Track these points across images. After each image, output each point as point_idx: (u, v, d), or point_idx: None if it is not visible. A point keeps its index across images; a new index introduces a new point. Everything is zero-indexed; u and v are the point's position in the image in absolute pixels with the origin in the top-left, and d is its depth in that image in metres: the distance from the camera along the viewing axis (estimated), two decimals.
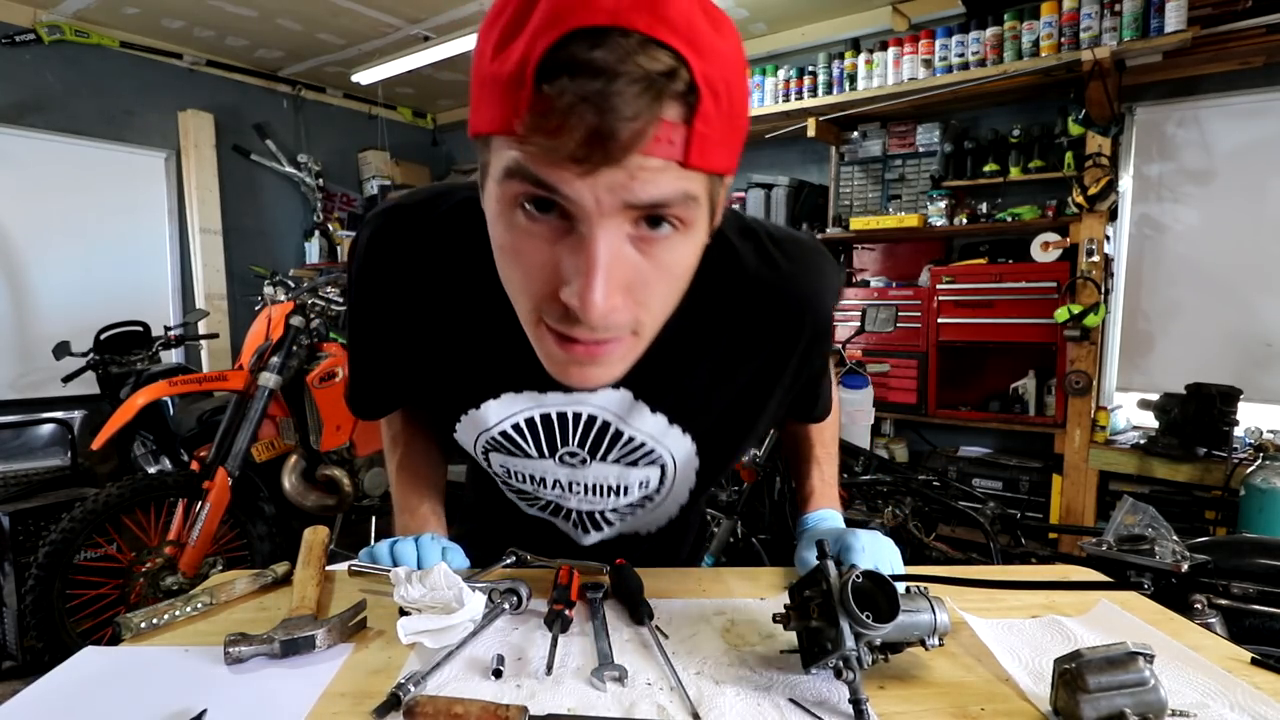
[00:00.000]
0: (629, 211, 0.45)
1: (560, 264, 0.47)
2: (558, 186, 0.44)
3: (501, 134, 0.45)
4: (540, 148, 0.42)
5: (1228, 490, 2.54)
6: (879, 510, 2.24)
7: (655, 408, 0.70)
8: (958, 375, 3.36)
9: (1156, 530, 1.39)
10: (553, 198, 0.45)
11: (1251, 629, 1.29)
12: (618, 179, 0.43)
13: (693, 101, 0.43)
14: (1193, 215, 3.06)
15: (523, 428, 0.72)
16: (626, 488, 0.76)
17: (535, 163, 0.43)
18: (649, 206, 0.45)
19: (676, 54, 0.41)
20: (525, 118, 0.42)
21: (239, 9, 3.78)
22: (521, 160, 0.44)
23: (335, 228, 4.83)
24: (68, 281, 3.92)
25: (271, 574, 0.79)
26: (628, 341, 0.52)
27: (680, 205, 0.46)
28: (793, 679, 0.60)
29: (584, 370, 0.53)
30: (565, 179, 0.43)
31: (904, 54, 3.27)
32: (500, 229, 0.50)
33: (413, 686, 0.54)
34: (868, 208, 3.67)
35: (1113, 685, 0.51)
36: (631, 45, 0.40)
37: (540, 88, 0.41)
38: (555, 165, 0.43)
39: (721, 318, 0.66)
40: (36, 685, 0.58)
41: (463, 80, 4.85)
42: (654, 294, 0.50)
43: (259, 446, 2.68)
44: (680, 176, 0.44)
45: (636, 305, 0.49)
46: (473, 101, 0.47)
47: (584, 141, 0.41)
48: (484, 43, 0.45)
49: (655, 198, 0.44)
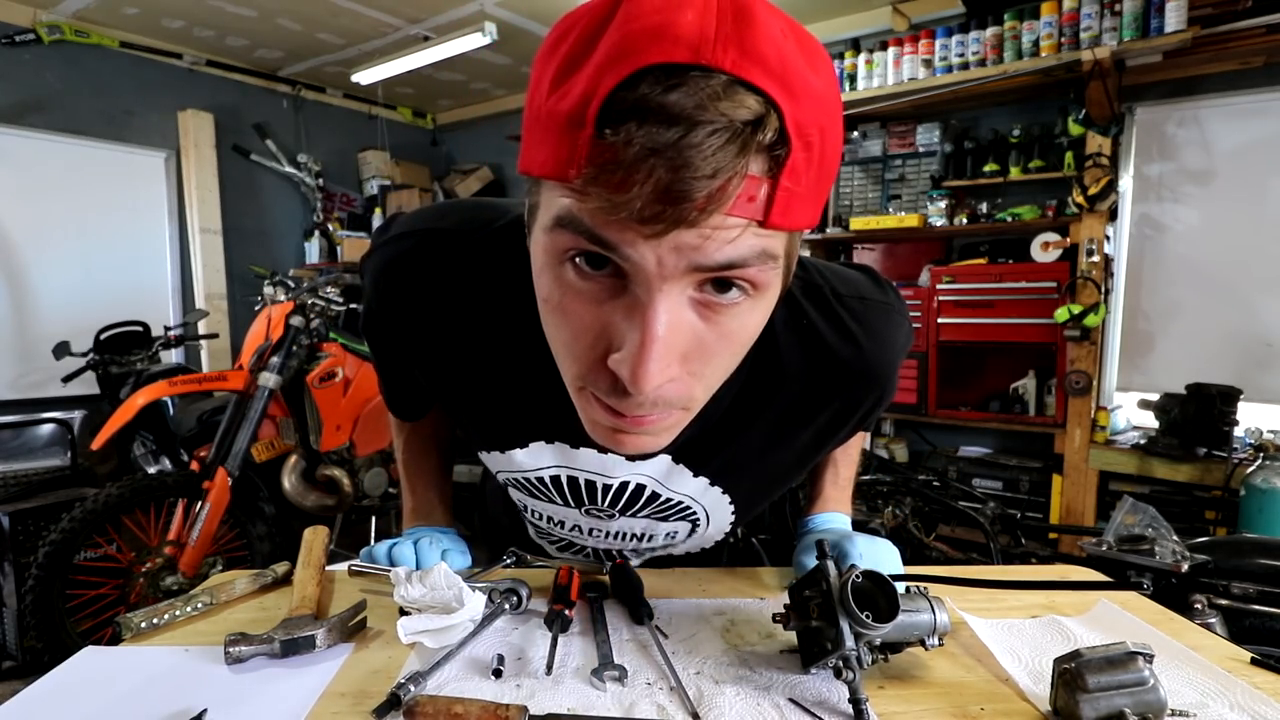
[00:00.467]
0: (695, 274, 0.39)
1: (611, 327, 0.42)
2: (618, 246, 0.38)
3: (555, 179, 0.39)
4: (600, 202, 0.37)
5: (1228, 490, 2.54)
6: (879, 510, 2.25)
7: (698, 472, 0.65)
8: (958, 375, 3.36)
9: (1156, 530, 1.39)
10: (610, 256, 0.39)
11: (1251, 629, 1.29)
12: (687, 240, 0.37)
13: (781, 155, 0.37)
14: (1193, 215, 3.06)
15: (547, 482, 0.69)
16: (652, 536, 0.74)
17: (593, 218, 0.38)
18: (719, 269, 0.39)
19: (766, 98, 0.36)
20: (584, 167, 0.36)
21: (239, 9, 3.78)
22: (576, 212, 0.38)
23: (335, 228, 4.83)
24: (68, 281, 3.92)
25: (271, 574, 0.79)
26: (676, 414, 0.47)
27: (756, 266, 0.40)
28: (793, 679, 0.60)
29: (630, 439, 0.48)
30: (628, 239, 0.38)
31: (904, 54, 3.27)
32: (546, 282, 0.44)
33: (413, 686, 0.54)
34: (868, 208, 3.67)
35: (1112, 685, 0.51)
36: (714, 88, 0.35)
37: (603, 133, 0.35)
38: (616, 223, 0.37)
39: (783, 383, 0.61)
40: (36, 685, 0.58)
41: (462, 80, 4.84)
42: (712, 366, 0.45)
43: (259, 446, 2.68)
44: (758, 235, 0.39)
45: (691, 378, 0.44)
46: (524, 136, 0.42)
47: (653, 200, 0.35)
48: (541, 72, 0.40)
49: (729, 259, 0.38)
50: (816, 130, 0.38)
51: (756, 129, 0.35)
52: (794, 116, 0.37)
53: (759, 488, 0.70)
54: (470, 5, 3.71)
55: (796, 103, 0.37)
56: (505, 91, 5.15)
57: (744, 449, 0.64)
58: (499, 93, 5.19)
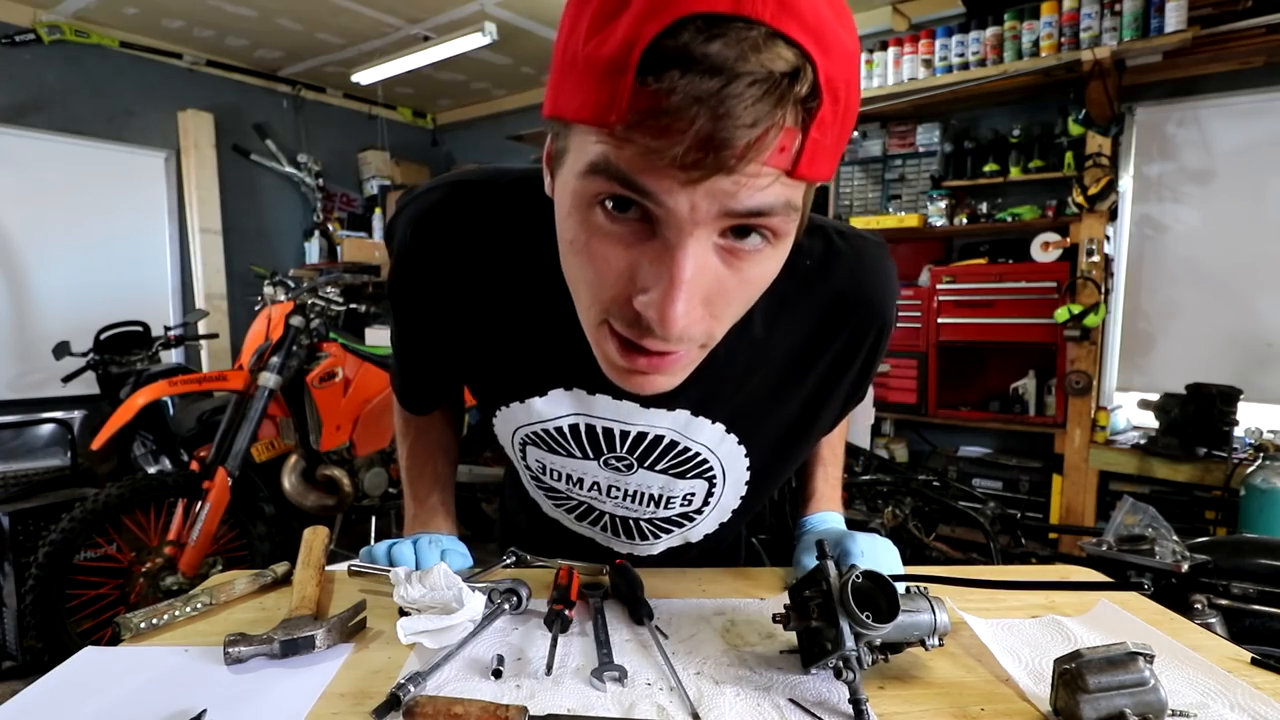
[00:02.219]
0: (723, 220, 0.41)
1: (638, 269, 0.43)
2: (654, 193, 0.40)
3: (592, 124, 0.40)
4: (640, 149, 0.38)
5: (1228, 490, 2.54)
6: (879, 510, 2.25)
7: (715, 419, 0.67)
8: (958, 375, 3.36)
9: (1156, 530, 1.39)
10: (643, 201, 0.41)
11: (1251, 629, 1.29)
12: (721, 187, 0.39)
13: (812, 107, 0.38)
14: (1193, 215, 3.06)
15: (566, 433, 0.69)
16: (670, 499, 0.73)
17: (630, 164, 0.39)
18: (747, 216, 0.41)
19: (802, 50, 0.37)
20: (626, 114, 0.37)
21: (239, 9, 3.78)
22: (613, 159, 0.39)
23: (335, 228, 4.83)
24: (68, 281, 3.92)
25: (271, 574, 0.79)
26: (694, 353, 0.49)
27: (780, 216, 0.42)
28: (793, 679, 0.60)
29: (645, 379, 0.50)
30: (665, 186, 0.39)
31: (904, 54, 3.27)
32: (573, 225, 0.45)
33: (412, 687, 0.54)
34: (867, 208, 3.67)
35: (1113, 685, 0.51)
36: (755, 39, 0.35)
37: (646, 80, 0.36)
38: (655, 170, 0.38)
39: (789, 323, 0.63)
40: (36, 685, 0.58)
41: (462, 80, 4.84)
42: (731, 309, 0.47)
43: (259, 446, 2.68)
44: (785, 185, 0.41)
45: (711, 319, 0.46)
46: (553, 80, 0.43)
47: (695, 148, 0.36)
48: (576, 17, 0.40)
49: (758, 206, 0.40)
50: (844, 84, 0.39)
51: (794, 81, 0.37)
52: (825, 70, 0.38)
53: (772, 445, 0.71)
54: (470, 5, 3.71)
55: (828, 57, 0.38)
56: (505, 91, 5.15)
57: (755, 391, 0.66)
58: (499, 93, 5.19)
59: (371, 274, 4.37)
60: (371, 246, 4.59)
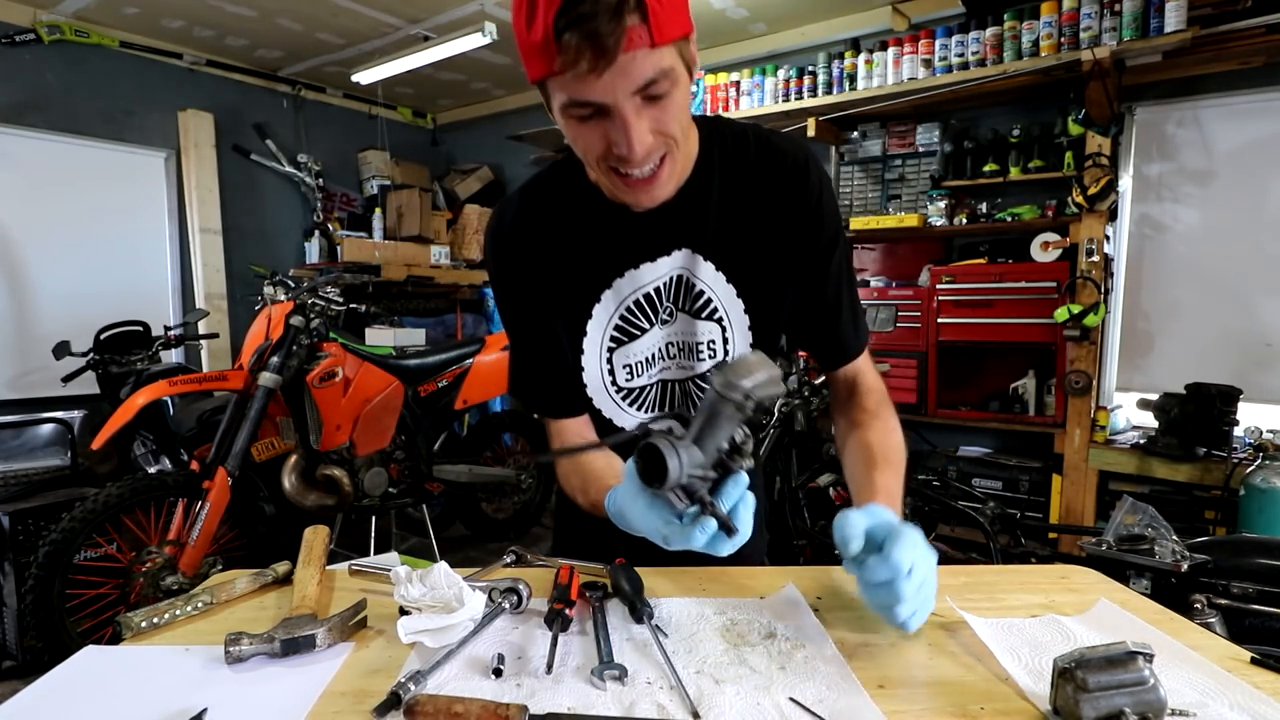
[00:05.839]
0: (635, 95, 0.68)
1: (610, 135, 0.71)
2: (587, 98, 0.68)
3: (549, 77, 0.68)
4: (571, 78, 0.66)
5: (1227, 490, 2.54)
6: None
7: (708, 258, 0.88)
8: (958, 375, 3.36)
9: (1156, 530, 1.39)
10: (591, 105, 0.68)
11: (1251, 629, 1.29)
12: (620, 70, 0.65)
13: (644, 7, 0.64)
14: (1193, 215, 3.06)
15: (632, 309, 0.90)
16: (698, 347, 0.91)
17: (573, 89, 0.67)
18: (644, 87, 0.68)
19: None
20: (556, 65, 0.65)
21: (239, 9, 3.78)
22: (566, 93, 0.68)
23: (335, 228, 4.82)
24: (68, 281, 3.92)
25: (271, 574, 0.79)
26: (667, 166, 0.76)
27: (664, 79, 0.68)
28: (793, 679, 0.60)
29: (647, 194, 0.77)
30: (593, 89, 0.66)
31: (904, 54, 3.27)
32: (570, 132, 0.74)
33: (413, 685, 0.54)
34: (867, 208, 3.67)
35: (1112, 684, 0.51)
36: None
37: (560, 41, 0.64)
38: (585, 84, 0.66)
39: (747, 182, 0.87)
40: (37, 685, 0.58)
41: (462, 80, 4.86)
42: (670, 124, 0.72)
43: (259, 446, 2.69)
44: (656, 55, 0.66)
45: (662, 135, 0.72)
46: (524, 60, 0.70)
47: (590, 59, 0.64)
48: (518, 19, 0.68)
49: (645, 78, 0.67)
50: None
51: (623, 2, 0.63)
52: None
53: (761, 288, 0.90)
54: (470, 5, 3.71)
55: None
56: (505, 91, 5.15)
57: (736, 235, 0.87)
58: (499, 93, 5.19)
59: (371, 274, 4.37)
60: (371, 246, 4.59)
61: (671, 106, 0.71)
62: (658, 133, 0.72)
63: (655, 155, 0.74)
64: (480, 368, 3.31)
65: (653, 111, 0.70)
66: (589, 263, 0.89)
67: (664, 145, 0.74)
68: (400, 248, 4.70)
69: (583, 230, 0.88)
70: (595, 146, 0.73)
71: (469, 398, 3.30)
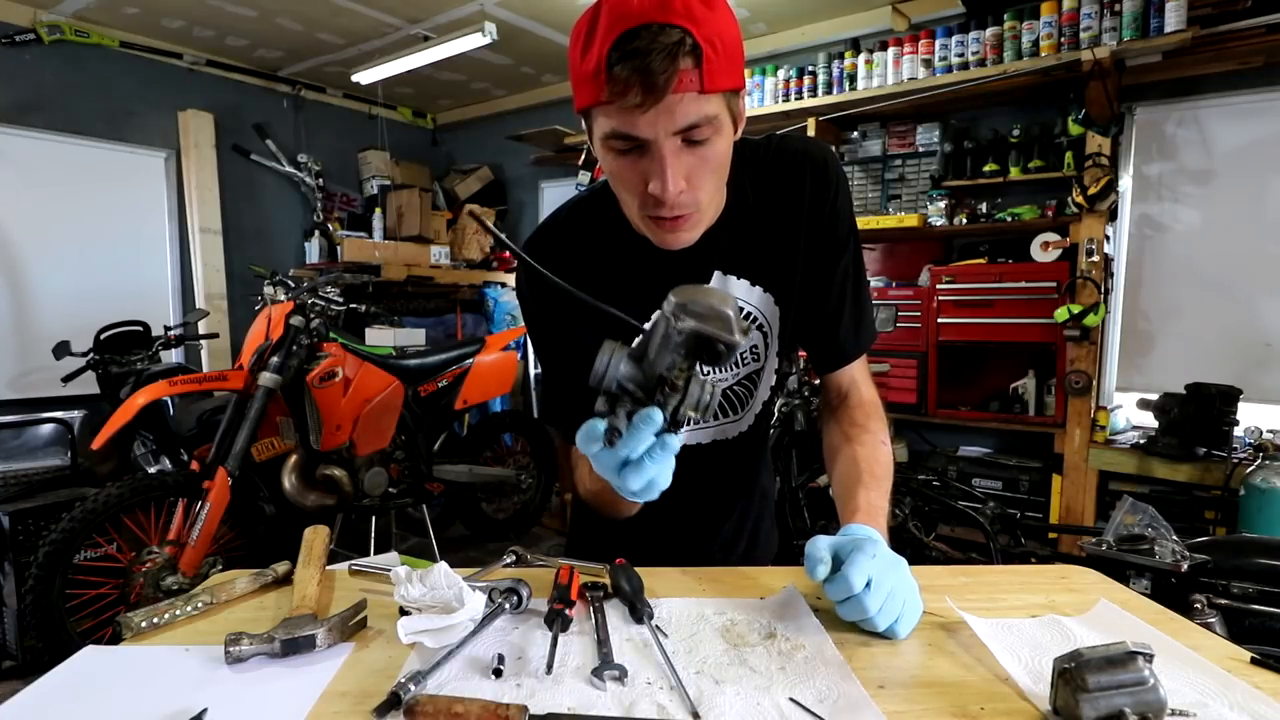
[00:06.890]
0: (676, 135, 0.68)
1: (647, 173, 0.71)
2: (630, 132, 0.68)
3: (595, 106, 0.69)
4: (617, 109, 0.67)
5: (1227, 490, 2.54)
6: None
7: (740, 275, 0.89)
8: (958, 375, 3.36)
9: (1156, 530, 1.39)
10: (633, 139, 0.69)
11: (1251, 629, 1.29)
12: (665, 109, 0.66)
13: (699, 53, 0.65)
14: (1193, 215, 3.06)
15: None
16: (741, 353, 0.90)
17: (617, 121, 0.68)
18: (687, 129, 0.68)
19: (683, 29, 0.65)
20: (605, 91, 0.66)
21: (239, 9, 3.77)
22: (610, 124, 0.69)
23: (335, 228, 4.82)
24: (68, 281, 3.92)
25: (271, 574, 0.79)
26: (695, 216, 0.76)
27: (708, 125, 0.69)
28: (793, 679, 0.60)
29: (673, 236, 0.77)
30: (636, 124, 0.67)
31: (904, 54, 3.27)
32: (608, 164, 0.74)
33: (413, 686, 0.54)
34: (867, 208, 3.67)
35: (1112, 685, 0.51)
36: (653, 32, 0.64)
37: (611, 73, 0.65)
38: (629, 118, 0.67)
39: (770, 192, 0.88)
40: (36, 685, 0.58)
41: (462, 80, 4.85)
42: (706, 180, 0.73)
43: (259, 446, 2.69)
44: (703, 101, 0.67)
45: (694, 189, 0.73)
46: (574, 88, 0.72)
47: (639, 93, 0.65)
48: (574, 49, 0.70)
49: (689, 120, 0.67)
50: (718, 38, 0.67)
51: (680, 44, 0.64)
52: (700, 34, 0.65)
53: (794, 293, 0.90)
54: (470, 5, 3.71)
55: (699, 26, 0.65)
56: (505, 91, 5.15)
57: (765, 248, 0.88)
58: (499, 93, 5.19)
59: (371, 274, 4.37)
60: (371, 246, 4.59)
61: (711, 155, 0.71)
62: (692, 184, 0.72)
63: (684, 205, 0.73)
64: (480, 368, 3.32)
65: (691, 158, 0.70)
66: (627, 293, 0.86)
67: (693, 202, 0.74)
68: (400, 248, 4.70)
69: (621, 259, 0.88)
70: (630, 181, 0.73)
71: (469, 398, 3.30)
